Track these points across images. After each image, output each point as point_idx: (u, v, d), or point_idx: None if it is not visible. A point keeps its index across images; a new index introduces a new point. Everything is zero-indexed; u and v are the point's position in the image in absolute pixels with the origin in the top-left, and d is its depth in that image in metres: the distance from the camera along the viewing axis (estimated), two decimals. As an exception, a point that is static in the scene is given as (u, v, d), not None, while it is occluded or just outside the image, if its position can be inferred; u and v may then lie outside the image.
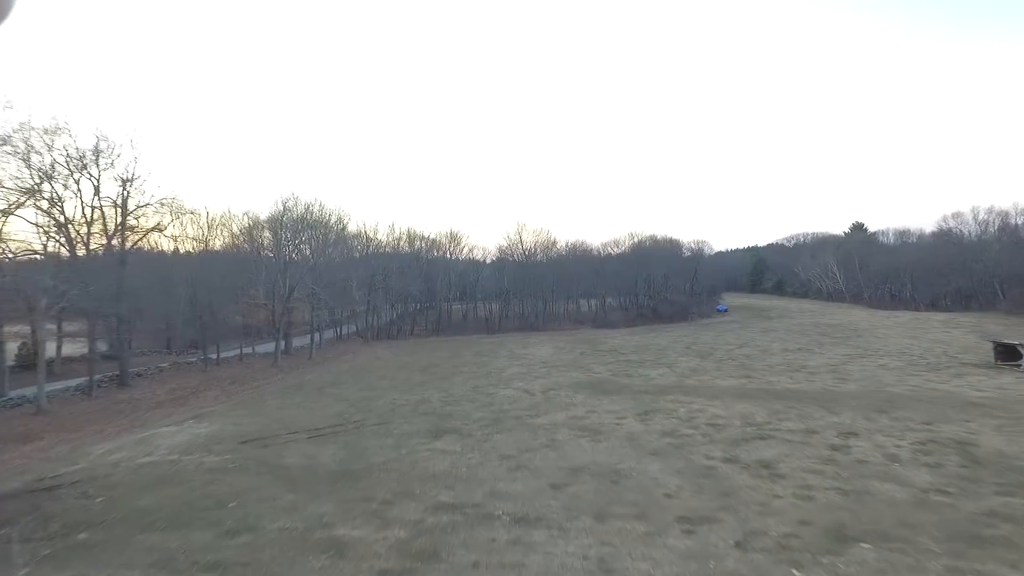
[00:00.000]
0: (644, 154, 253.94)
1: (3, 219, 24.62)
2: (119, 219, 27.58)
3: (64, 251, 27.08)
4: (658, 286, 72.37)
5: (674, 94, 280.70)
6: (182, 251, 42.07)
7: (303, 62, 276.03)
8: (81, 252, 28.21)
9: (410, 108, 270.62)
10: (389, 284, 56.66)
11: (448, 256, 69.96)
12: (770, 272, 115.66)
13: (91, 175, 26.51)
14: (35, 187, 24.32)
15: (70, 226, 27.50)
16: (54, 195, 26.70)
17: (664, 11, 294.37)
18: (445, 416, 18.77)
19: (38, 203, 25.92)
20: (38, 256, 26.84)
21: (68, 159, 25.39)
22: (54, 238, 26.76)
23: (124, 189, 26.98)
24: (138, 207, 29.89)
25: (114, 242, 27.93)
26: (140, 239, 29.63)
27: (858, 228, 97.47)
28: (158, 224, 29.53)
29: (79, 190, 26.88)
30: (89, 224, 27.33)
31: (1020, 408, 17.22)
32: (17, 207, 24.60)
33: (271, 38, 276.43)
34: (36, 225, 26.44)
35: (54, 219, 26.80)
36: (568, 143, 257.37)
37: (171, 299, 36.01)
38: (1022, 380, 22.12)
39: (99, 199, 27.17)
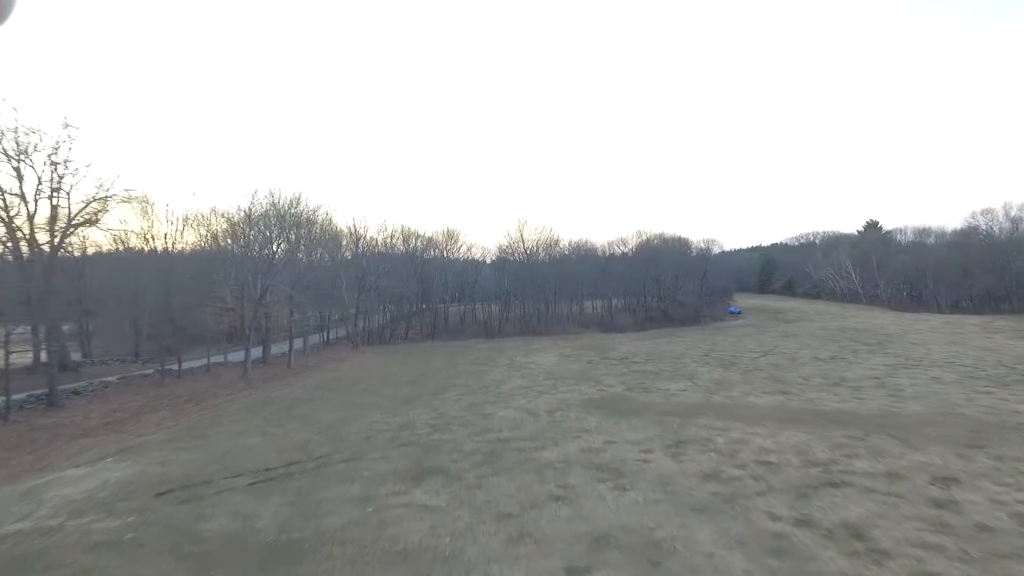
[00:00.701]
0: (650, 149, 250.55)
1: None
2: (51, 211, 24.20)
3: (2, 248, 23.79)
4: (668, 287, 68.84)
5: (681, 89, 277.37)
6: (156, 251, 38.53)
7: (291, 52, 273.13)
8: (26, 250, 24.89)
9: (405, 101, 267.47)
10: (381, 285, 53.26)
11: (445, 255, 66.71)
12: (779, 272, 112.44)
13: (21, 159, 23.13)
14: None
15: (12, 221, 24.24)
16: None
17: (672, 5, 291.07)
18: (430, 448, 15.43)
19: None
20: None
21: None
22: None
23: (54, 175, 23.55)
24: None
25: (41, 237, 24.50)
26: (71, 233, 26.15)
27: (872, 226, 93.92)
28: (92, 217, 26.09)
29: (18, 178, 23.58)
30: (31, 218, 23.99)
31: None
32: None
33: (255, 25, 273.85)
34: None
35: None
36: (572, 138, 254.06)
37: (138, 303, 32.70)
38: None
39: (22, 186, 23.70)
